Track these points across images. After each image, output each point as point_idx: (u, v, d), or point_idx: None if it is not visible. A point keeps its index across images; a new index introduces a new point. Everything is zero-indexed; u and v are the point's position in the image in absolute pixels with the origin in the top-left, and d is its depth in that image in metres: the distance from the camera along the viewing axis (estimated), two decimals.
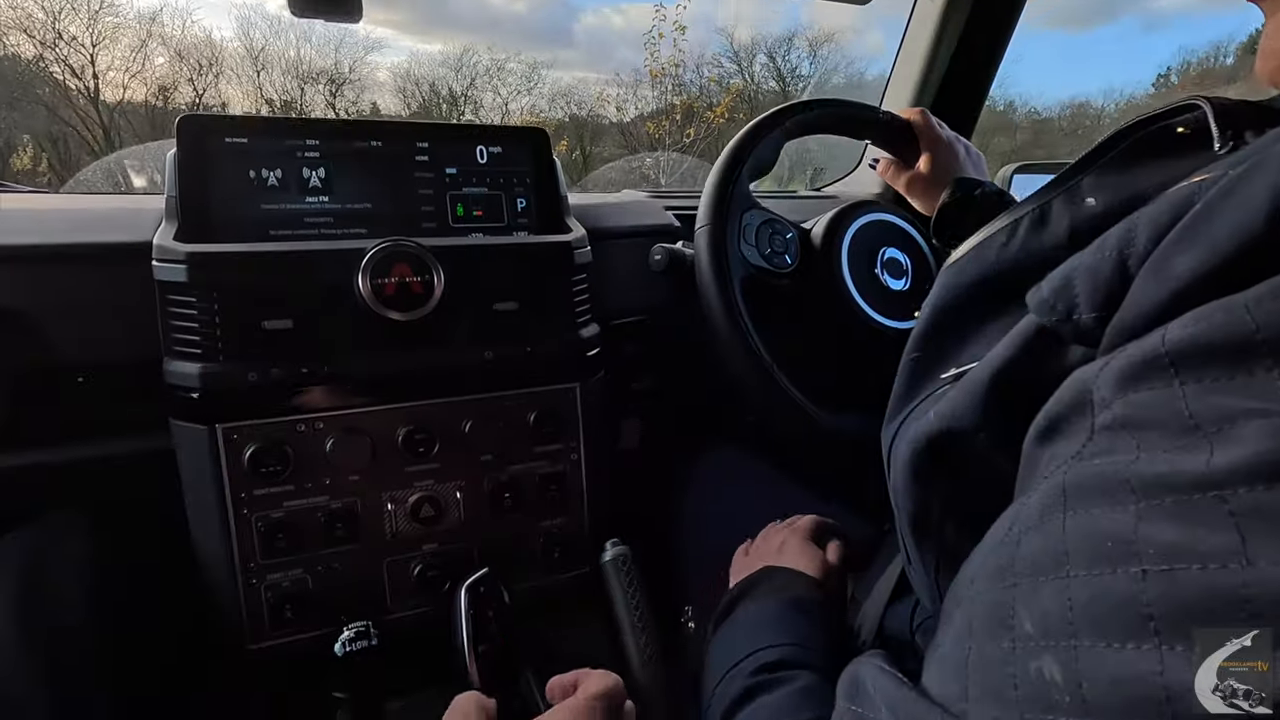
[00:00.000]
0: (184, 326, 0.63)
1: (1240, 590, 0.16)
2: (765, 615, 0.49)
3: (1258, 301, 0.18)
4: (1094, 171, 0.34)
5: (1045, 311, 0.26)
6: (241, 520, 0.65)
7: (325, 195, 0.73)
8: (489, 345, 0.72)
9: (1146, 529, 0.18)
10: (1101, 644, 0.18)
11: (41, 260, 0.64)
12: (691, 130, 10.35)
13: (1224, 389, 0.18)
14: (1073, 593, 0.19)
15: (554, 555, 0.77)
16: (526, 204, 0.81)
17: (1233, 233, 0.19)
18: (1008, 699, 0.20)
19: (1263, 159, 0.20)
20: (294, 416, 0.65)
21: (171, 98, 17.75)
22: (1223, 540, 0.17)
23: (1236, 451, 0.17)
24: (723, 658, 0.46)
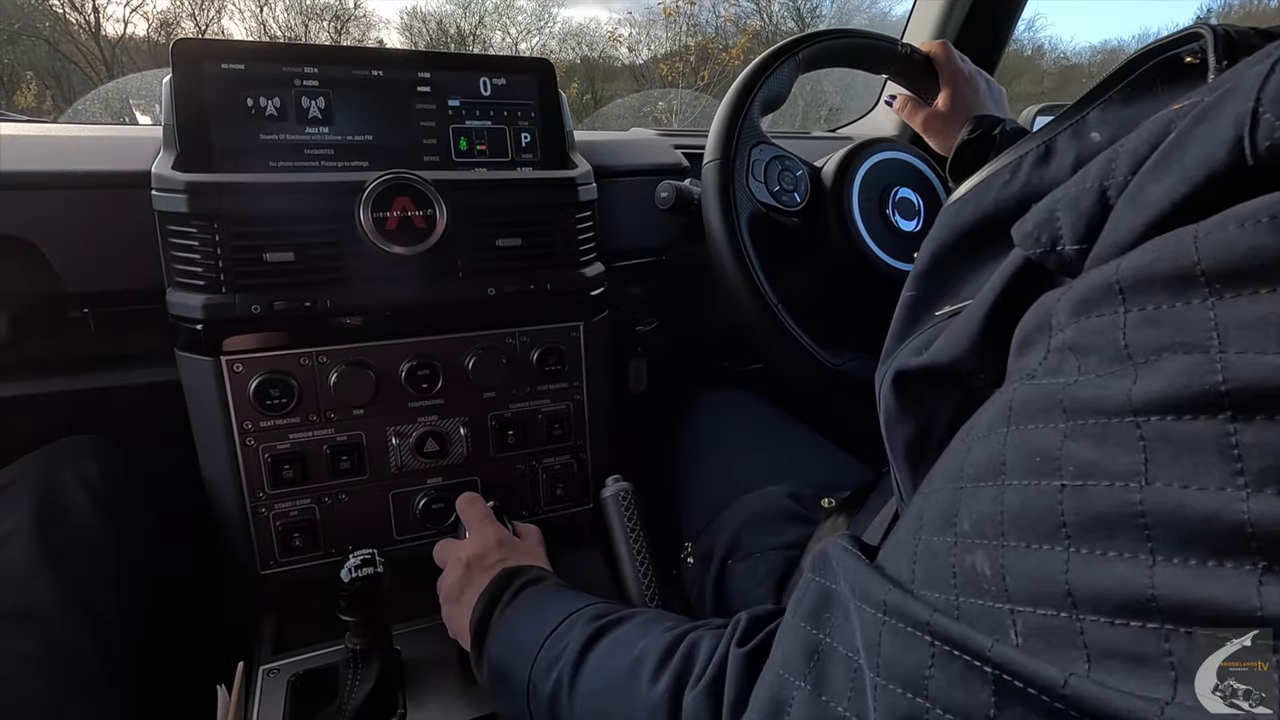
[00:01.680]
0: (185, 258, 0.63)
1: (1137, 506, 0.17)
2: (548, 598, 0.49)
3: (1206, 233, 0.18)
4: (1101, 104, 0.32)
5: (1030, 244, 0.25)
6: (248, 451, 0.66)
7: (325, 126, 0.71)
8: (492, 281, 0.72)
9: (1070, 447, 0.20)
10: (1022, 544, 0.20)
11: (43, 187, 0.64)
12: (705, 72, 10.05)
13: (1161, 318, 0.19)
14: (1005, 499, 0.21)
15: (556, 491, 0.78)
16: (531, 139, 0.79)
17: (1200, 161, 0.19)
18: (947, 584, 0.22)
19: (1236, 84, 0.19)
20: (297, 349, 0.66)
21: (173, 33, 17.35)
22: (1129, 461, 0.18)
23: (1156, 382, 0.18)
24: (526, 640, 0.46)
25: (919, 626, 0.21)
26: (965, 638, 0.20)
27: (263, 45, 0.69)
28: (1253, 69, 0.19)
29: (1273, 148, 0.17)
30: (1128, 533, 0.18)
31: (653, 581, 0.62)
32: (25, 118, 0.86)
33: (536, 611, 0.48)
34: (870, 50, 0.76)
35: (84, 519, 0.60)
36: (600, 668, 0.41)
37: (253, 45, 0.68)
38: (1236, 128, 0.18)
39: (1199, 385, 0.17)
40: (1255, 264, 0.17)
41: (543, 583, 0.52)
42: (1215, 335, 0.17)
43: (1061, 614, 0.18)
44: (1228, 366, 0.17)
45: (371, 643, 0.59)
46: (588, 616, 0.44)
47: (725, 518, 0.67)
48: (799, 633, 0.27)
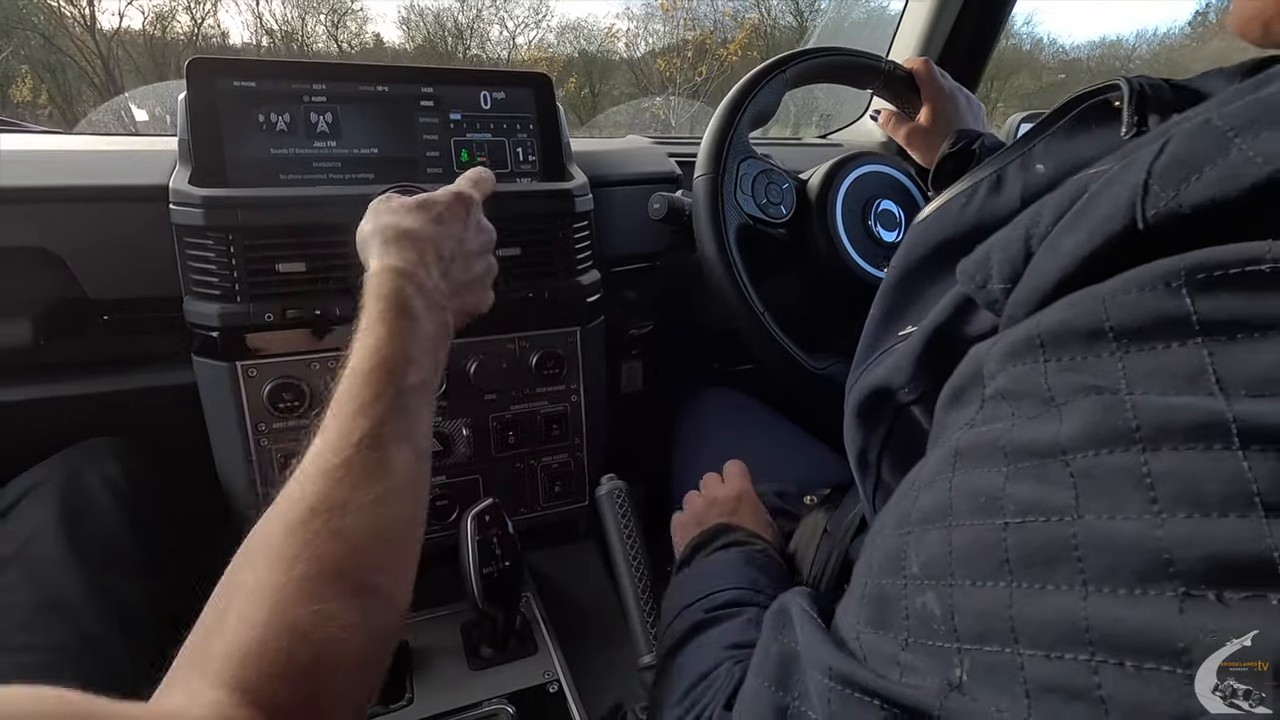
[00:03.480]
0: (201, 268, 0.66)
1: (1071, 539, 0.19)
2: (721, 564, 0.52)
3: (1112, 294, 0.20)
4: (1044, 139, 0.36)
5: (966, 280, 0.28)
6: (262, 451, 0.69)
7: (333, 140, 0.74)
8: (492, 289, 0.75)
9: (1011, 487, 0.21)
10: (969, 582, 0.21)
11: (65, 201, 0.67)
12: (703, 68, 10.05)
13: (1077, 367, 0.21)
14: (953, 539, 0.22)
15: (554, 489, 0.82)
16: (530, 150, 0.82)
17: (1103, 222, 0.22)
18: (900, 626, 0.23)
19: (1135, 159, 0.22)
20: (309, 354, 0.69)
21: (169, 27, 17.27)
22: (1063, 498, 0.20)
23: (1077, 421, 0.20)
24: (677, 599, 0.50)
25: (867, 693, 0.23)
26: (917, 702, 0.21)
27: (273, 63, 0.72)
28: (1148, 147, 0.22)
29: (1159, 216, 0.20)
30: (1064, 565, 0.19)
31: (645, 575, 0.65)
32: (41, 128, 0.89)
33: (696, 579, 0.52)
34: (855, 67, 0.79)
35: (107, 517, 0.63)
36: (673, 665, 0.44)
37: (263, 63, 0.72)
38: (1131, 196, 0.21)
39: (1114, 422, 0.19)
40: (1154, 323, 0.19)
41: (731, 549, 0.55)
42: (1124, 380, 0.20)
43: (1005, 650, 0.20)
44: (1136, 405, 0.19)
45: None
46: (715, 603, 0.47)
47: None
48: (765, 695, 0.28)
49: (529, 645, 0.69)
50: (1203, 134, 0.20)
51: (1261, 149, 0.19)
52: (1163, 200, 0.20)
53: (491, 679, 0.66)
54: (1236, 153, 0.19)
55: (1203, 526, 0.17)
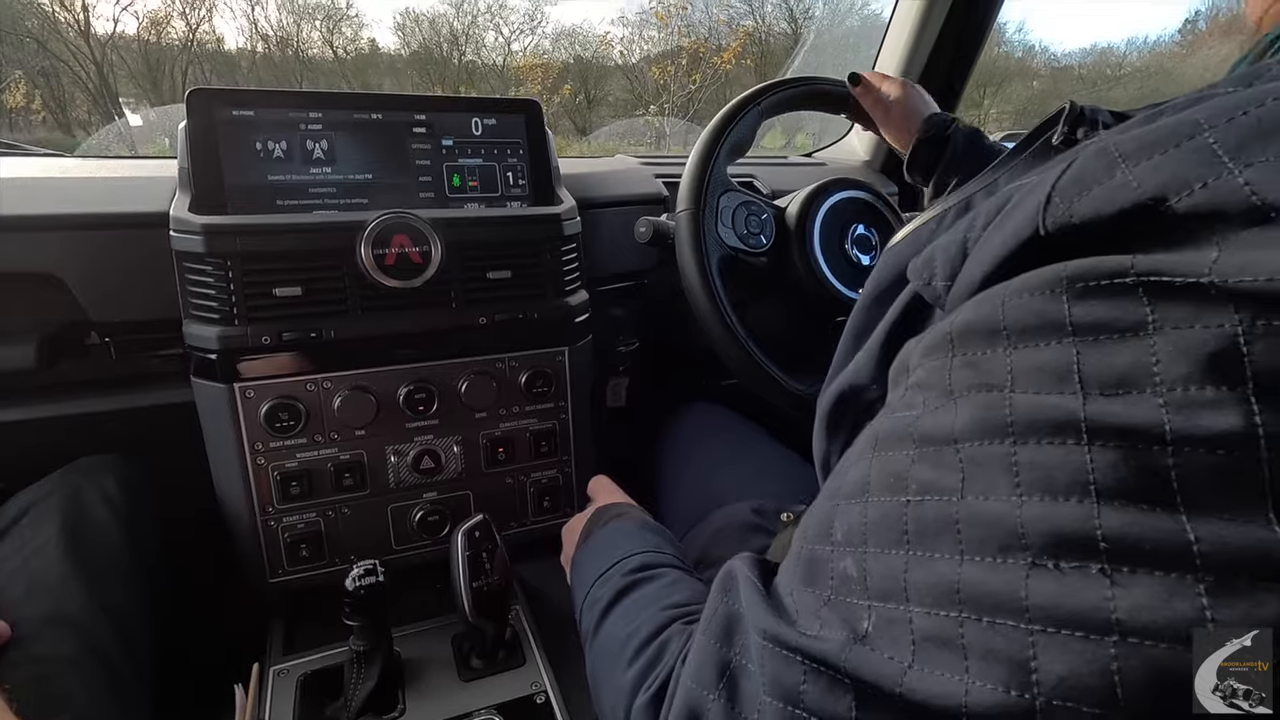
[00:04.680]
0: (201, 292, 0.69)
1: (954, 516, 0.23)
2: (619, 533, 0.55)
3: (1007, 297, 0.24)
4: (1009, 169, 0.38)
5: (915, 277, 0.31)
6: (259, 469, 0.72)
7: (329, 166, 0.76)
8: (483, 311, 0.77)
9: (915, 470, 0.25)
10: (878, 550, 0.25)
11: (69, 228, 0.69)
12: (697, 76, 10.11)
13: (977, 362, 0.24)
14: (868, 512, 0.26)
15: (543, 503, 0.85)
16: (520, 174, 0.85)
17: (1016, 229, 0.24)
18: (825, 584, 0.27)
19: (1046, 176, 0.25)
20: (305, 376, 0.71)
21: (164, 33, 17.27)
22: (952, 480, 0.23)
23: (967, 415, 0.23)
24: (588, 571, 0.52)
25: (792, 650, 0.26)
26: (825, 655, 0.25)
27: (271, 93, 0.74)
28: (1058, 166, 0.25)
29: (1055, 224, 0.23)
30: (947, 537, 0.23)
31: None
32: (43, 150, 0.91)
33: (601, 550, 0.54)
34: (825, 94, 0.82)
35: (107, 532, 0.66)
36: (611, 628, 0.45)
37: (261, 93, 0.74)
38: (1037, 207, 0.24)
39: (995, 418, 0.23)
40: (1038, 324, 0.22)
41: (622, 517, 0.58)
42: (1010, 377, 0.23)
43: (899, 606, 0.23)
44: (1014, 403, 0.22)
45: (374, 645, 0.65)
46: (631, 566, 0.49)
47: (697, 531, 0.73)
48: (709, 650, 0.31)
49: (517, 657, 0.72)
50: (1098, 156, 0.23)
51: (1139, 175, 0.21)
52: (1060, 211, 0.23)
53: (481, 690, 0.69)
54: (1119, 175, 0.22)
55: (1050, 508, 0.20)
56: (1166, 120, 0.22)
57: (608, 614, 0.47)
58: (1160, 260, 0.20)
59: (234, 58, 18.85)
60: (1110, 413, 0.20)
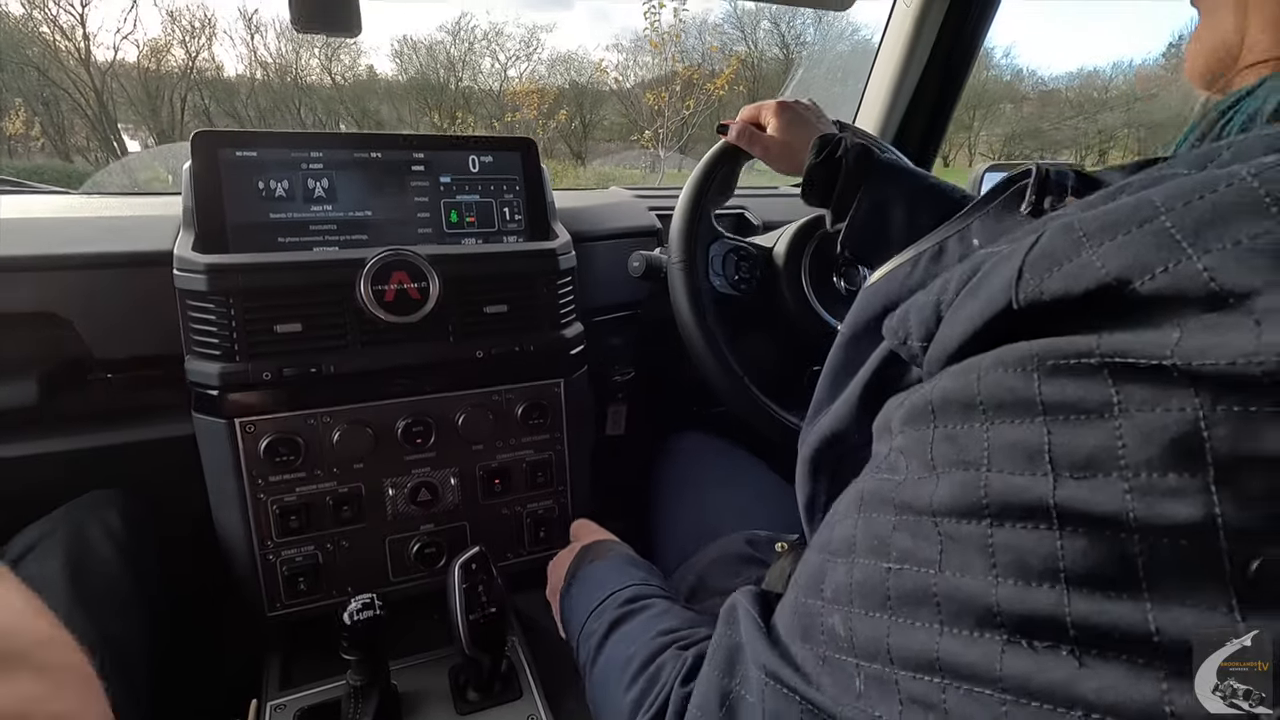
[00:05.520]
0: (203, 330, 0.70)
1: (933, 588, 0.24)
2: (608, 569, 0.58)
3: (984, 370, 0.24)
4: (979, 217, 0.40)
5: (891, 336, 0.32)
6: (258, 503, 0.72)
7: (329, 204, 0.78)
8: (480, 345, 0.79)
9: (896, 536, 0.26)
10: (863, 611, 0.26)
11: (74, 268, 0.71)
12: (691, 102, 10.26)
13: (955, 436, 0.25)
14: (854, 573, 0.27)
15: (539, 534, 0.85)
16: (516, 209, 0.87)
17: (989, 300, 0.25)
18: (817, 640, 0.28)
19: (1016, 248, 0.26)
20: (304, 411, 0.72)
21: (164, 60, 17.47)
22: (930, 552, 0.24)
23: (946, 490, 0.25)
24: (581, 607, 0.55)
25: (791, 690, 0.28)
26: (823, 705, 0.27)
27: (273, 134, 0.76)
28: (1030, 236, 0.26)
29: (1027, 299, 0.24)
30: (927, 607, 0.24)
31: None
32: (48, 188, 0.93)
33: (592, 586, 0.57)
34: None
35: (109, 567, 0.66)
36: (609, 656, 0.48)
37: (264, 134, 0.76)
38: (1009, 279, 0.25)
39: (971, 497, 0.24)
40: (1012, 400, 0.23)
41: (609, 555, 0.61)
42: (986, 455, 0.24)
43: (885, 669, 0.25)
44: (989, 483, 0.23)
45: (371, 679, 0.65)
46: (622, 599, 0.52)
47: (693, 561, 0.74)
48: (713, 680, 0.33)
49: (514, 689, 0.72)
50: (1065, 233, 0.24)
51: (1103, 255, 0.22)
52: (1031, 286, 0.24)
53: None
54: (1085, 255, 0.23)
55: (1023, 592, 0.22)
56: (1127, 200, 0.23)
57: (604, 644, 0.49)
58: (1124, 341, 0.21)
59: (233, 84, 19.04)
60: (1078, 498, 0.21)
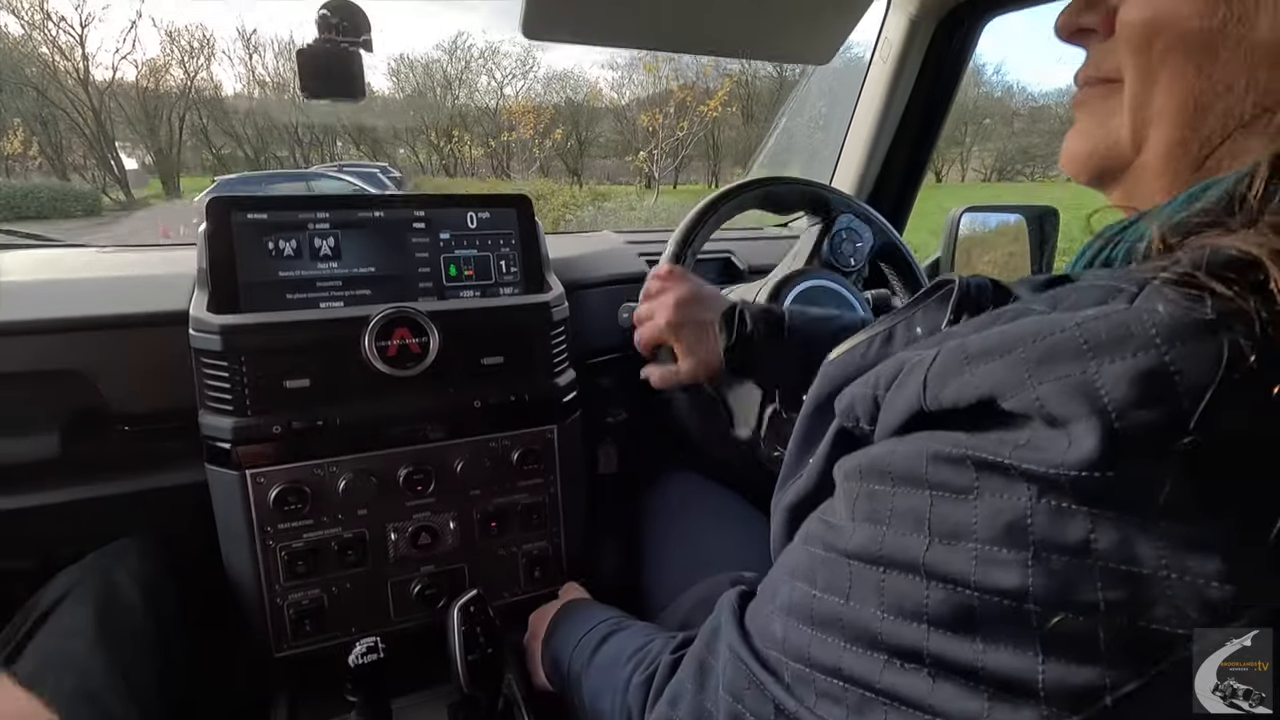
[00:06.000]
0: (217, 386, 0.74)
1: (841, 615, 0.30)
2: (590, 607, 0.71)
3: (898, 448, 0.31)
4: (922, 308, 0.45)
5: (842, 417, 0.38)
6: (267, 550, 0.76)
7: (335, 261, 0.83)
8: (478, 394, 0.83)
9: (820, 570, 0.32)
10: (794, 623, 0.33)
11: (95, 329, 0.75)
12: (684, 123, 10.41)
13: (872, 495, 0.31)
14: (793, 594, 0.34)
15: (534, 574, 0.89)
16: (512, 263, 0.91)
17: (908, 399, 0.31)
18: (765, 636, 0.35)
19: (924, 357, 0.31)
20: (312, 461, 0.77)
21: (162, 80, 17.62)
22: (842, 586, 0.31)
23: (858, 539, 0.30)
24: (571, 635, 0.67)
25: (746, 667, 0.35)
26: (765, 682, 0.34)
27: (282, 198, 0.81)
28: (931, 350, 0.31)
29: (931, 403, 0.30)
30: (836, 629, 0.30)
31: None
32: (71, 243, 0.98)
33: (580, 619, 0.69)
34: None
35: (135, 614, 0.71)
36: (604, 655, 0.59)
37: (274, 199, 0.81)
38: (919, 386, 0.30)
39: (872, 547, 0.30)
40: (910, 476, 0.29)
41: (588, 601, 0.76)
42: (889, 515, 0.29)
43: (806, 669, 0.32)
44: (885, 539, 0.29)
45: (374, 719, 0.69)
46: (609, 623, 0.64)
47: (681, 601, 0.78)
48: (697, 651, 0.41)
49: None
50: (955, 353, 0.29)
51: (979, 376, 0.28)
52: (931, 395, 0.30)
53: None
54: (967, 374, 0.28)
55: (899, 625, 0.28)
56: (1000, 329, 0.29)
57: (597, 651, 0.61)
58: (987, 442, 0.27)
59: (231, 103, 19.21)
60: (941, 559, 0.27)
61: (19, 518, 0.76)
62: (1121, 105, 0.35)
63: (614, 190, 11.03)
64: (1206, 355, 0.22)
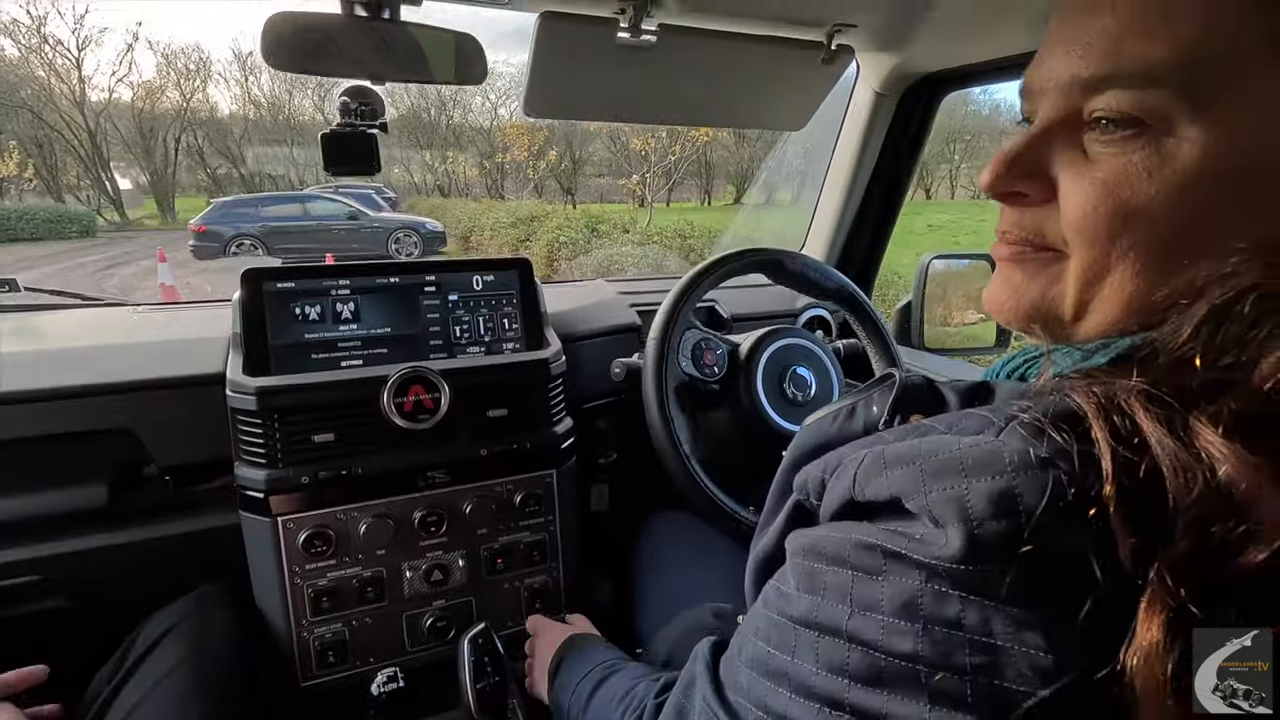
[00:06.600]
0: (251, 441, 0.83)
1: (787, 669, 0.36)
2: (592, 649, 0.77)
3: (831, 533, 0.38)
4: (879, 390, 0.53)
5: (798, 491, 0.44)
6: (295, 589, 0.85)
7: (355, 323, 0.92)
8: (484, 444, 0.92)
9: (771, 630, 0.38)
10: (754, 675, 0.39)
11: (144, 390, 0.84)
12: (676, 148, 10.58)
13: (811, 571, 0.38)
14: (755, 649, 0.39)
15: (535, 605, 0.98)
16: (514, 320, 1.01)
17: (843, 490, 0.38)
18: (732, 685, 0.42)
19: (857, 456, 0.39)
20: (336, 507, 0.85)
21: (158, 101, 17.75)
22: (789, 646, 0.37)
23: (799, 607, 0.38)
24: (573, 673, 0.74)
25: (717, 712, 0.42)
26: None
27: (308, 268, 0.90)
28: (861, 451, 0.40)
29: (860, 495, 0.37)
30: (785, 681, 0.36)
31: None
32: (108, 300, 1.07)
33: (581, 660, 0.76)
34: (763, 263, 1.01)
35: (219, 654, 0.79)
36: (599, 698, 0.66)
37: (301, 269, 0.90)
38: (850, 481, 0.38)
39: (810, 614, 0.37)
40: (838, 558, 0.37)
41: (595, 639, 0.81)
42: (823, 589, 0.37)
43: (765, 715, 0.38)
44: (819, 607, 0.36)
45: None
46: (604, 667, 0.71)
47: (665, 631, 0.86)
48: (676, 698, 0.48)
49: None
50: (878, 458, 0.37)
51: (891, 480, 0.35)
52: (859, 490, 0.38)
53: None
54: (883, 477, 0.36)
55: (829, 680, 0.35)
56: (910, 443, 0.37)
57: (593, 695, 0.67)
58: (893, 534, 0.35)
59: (226, 124, 19.36)
60: (859, 627, 0.34)
61: (72, 560, 0.84)
62: (1065, 276, 0.39)
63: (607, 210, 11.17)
64: (1040, 484, 0.30)
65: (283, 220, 10.07)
